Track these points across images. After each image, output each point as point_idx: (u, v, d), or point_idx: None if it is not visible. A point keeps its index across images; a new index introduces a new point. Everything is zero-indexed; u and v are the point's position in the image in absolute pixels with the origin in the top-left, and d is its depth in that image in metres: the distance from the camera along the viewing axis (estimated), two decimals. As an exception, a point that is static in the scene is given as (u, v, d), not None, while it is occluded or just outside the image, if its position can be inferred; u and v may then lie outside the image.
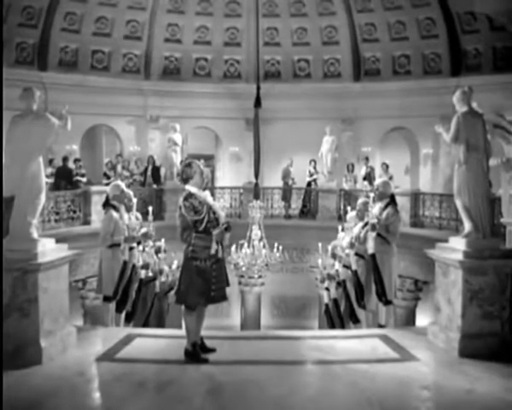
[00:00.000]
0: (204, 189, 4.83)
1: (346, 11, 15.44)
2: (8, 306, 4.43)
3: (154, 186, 13.38)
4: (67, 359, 4.72)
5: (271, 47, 16.16)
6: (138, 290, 6.74)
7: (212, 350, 4.89)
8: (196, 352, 4.72)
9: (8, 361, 4.11)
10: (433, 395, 4.16)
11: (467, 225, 5.22)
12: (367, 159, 14.15)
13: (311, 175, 14.19)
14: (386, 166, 13.13)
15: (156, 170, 13.88)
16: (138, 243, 6.92)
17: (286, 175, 14.31)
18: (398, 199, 6.99)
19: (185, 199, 4.59)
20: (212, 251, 4.56)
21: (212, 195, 13.70)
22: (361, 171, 13.96)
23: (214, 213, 4.68)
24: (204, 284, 4.57)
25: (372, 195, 6.85)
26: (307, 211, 13.80)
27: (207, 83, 16.00)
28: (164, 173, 14.08)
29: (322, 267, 7.84)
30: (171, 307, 7.52)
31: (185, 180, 4.74)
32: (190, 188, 4.69)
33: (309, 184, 14.17)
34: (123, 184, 6.82)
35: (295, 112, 15.41)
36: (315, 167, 14.20)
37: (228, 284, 4.84)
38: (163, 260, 7.53)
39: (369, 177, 13.46)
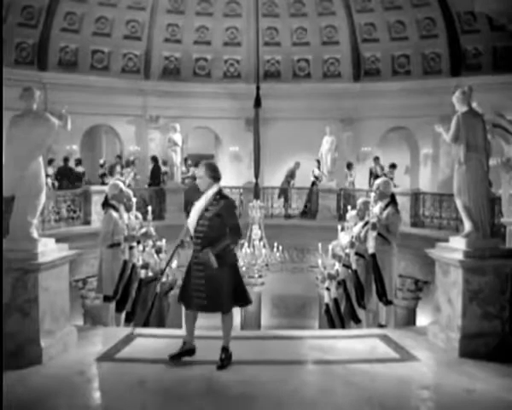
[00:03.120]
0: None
1: (345, 11, 15.45)
2: (8, 306, 4.42)
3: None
4: (68, 358, 4.72)
5: (271, 47, 16.17)
6: (138, 290, 6.74)
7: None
8: (183, 351, 4.65)
9: (8, 361, 4.11)
10: (433, 395, 4.17)
11: (467, 225, 5.21)
12: (381, 167, 13.99)
13: (317, 178, 13.98)
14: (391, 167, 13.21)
15: (157, 170, 13.88)
16: (138, 243, 6.92)
17: (290, 175, 14.23)
18: (399, 199, 6.99)
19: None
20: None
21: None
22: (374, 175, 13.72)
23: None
24: (187, 283, 4.55)
25: (373, 194, 6.85)
26: (308, 211, 13.77)
27: (207, 83, 16.01)
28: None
29: (322, 267, 7.83)
30: (172, 307, 7.52)
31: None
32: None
33: (313, 184, 14.09)
34: (121, 184, 6.82)
35: (295, 112, 15.42)
36: (319, 168, 14.10)
37: (222, 308, 4.53)
38: (164, 261, 7.52)
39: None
